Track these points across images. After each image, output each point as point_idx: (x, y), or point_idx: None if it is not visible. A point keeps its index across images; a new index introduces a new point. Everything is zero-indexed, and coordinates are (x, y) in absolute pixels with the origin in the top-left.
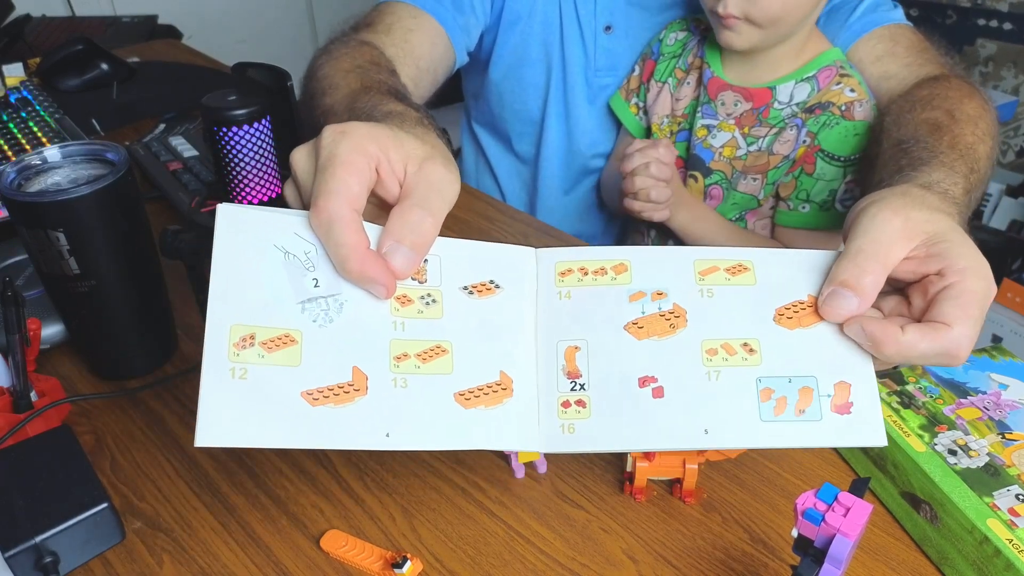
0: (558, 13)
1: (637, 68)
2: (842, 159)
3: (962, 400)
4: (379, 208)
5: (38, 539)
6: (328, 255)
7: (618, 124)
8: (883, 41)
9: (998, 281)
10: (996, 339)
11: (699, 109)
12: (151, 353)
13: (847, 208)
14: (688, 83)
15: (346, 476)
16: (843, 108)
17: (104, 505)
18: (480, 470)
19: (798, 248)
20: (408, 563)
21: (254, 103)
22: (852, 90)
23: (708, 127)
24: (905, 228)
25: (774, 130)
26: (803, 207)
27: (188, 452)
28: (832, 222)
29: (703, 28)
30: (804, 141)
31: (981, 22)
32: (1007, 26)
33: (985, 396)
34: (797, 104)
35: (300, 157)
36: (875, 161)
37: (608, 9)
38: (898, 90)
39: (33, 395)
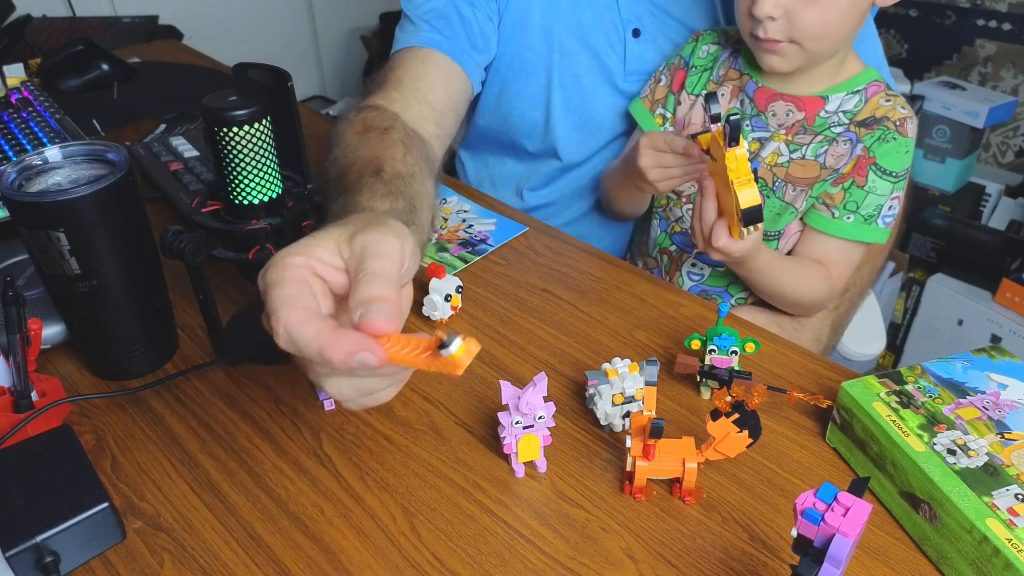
0: (571, 22)
1: (664, 77)
2: (893, 174)
3: (961, 400)
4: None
5: (39, 539)
6: (311, 372)
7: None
8: None
9: (996, 281)
10: (995, 339)
11: (746, 123)
12: (152, 353)
13: (887, 225)
14: (722, 95)
15: (346, 476)
16: (897, 123)
17: (105, 505)
18: (480, 470)
19: (828, 254)
20: (457, 340)
21: (254, 103)
22: (903, 107)
23: (760, 140)
24: None
25: (818, 138)
26: (848, 217)
27: (189, 452)
28: (872, 237)
29: (734, 41)
30: (858, 155)
31: (980, 22)
32: (1006, 26)
33: (984, 396)
34: (844, 113)
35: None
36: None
37: (634, 13)
38: None
39: (34, 395)
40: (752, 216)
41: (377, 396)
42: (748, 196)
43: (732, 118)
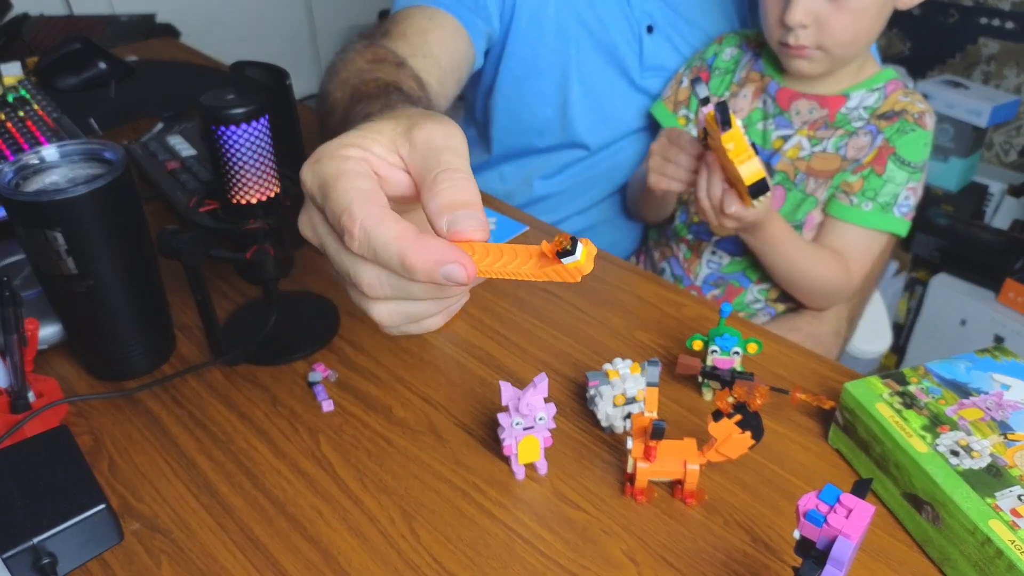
0: (587, 18)
1: (685, 79)
2: (911, 164)
3: (964, 400)
4: (407, 210)
5: (36, 540)
6: (386, 280)
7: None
8: None
9: (1000, 281)
10: (998, 339)
11: (769, 122)
12: (149, 353)
13: (903, 215)
14: (744, 96)
15: (345, 477)
16: (916, 116)
17: (102, 506)
18: (480, 471)
19: (846, 242)
20: (579, 246)
21: (252, 102)
22: (920, 102)
23: (785, 137)
24: None
25: (840, 132)
26: (866, 205)
27: (186, 453)
28: (890, 226)
29: (754, 44)
30: (879, 146)
31: (983, 21)
32: (1009, 25)
33: (987, 396)
34: (865, 108)
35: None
36: None
37: (644, 10)
38: None
39: (31, 395)
40: (759, 189)
41: (424, 324)
42: (750, 170)
43: (719, 102)
